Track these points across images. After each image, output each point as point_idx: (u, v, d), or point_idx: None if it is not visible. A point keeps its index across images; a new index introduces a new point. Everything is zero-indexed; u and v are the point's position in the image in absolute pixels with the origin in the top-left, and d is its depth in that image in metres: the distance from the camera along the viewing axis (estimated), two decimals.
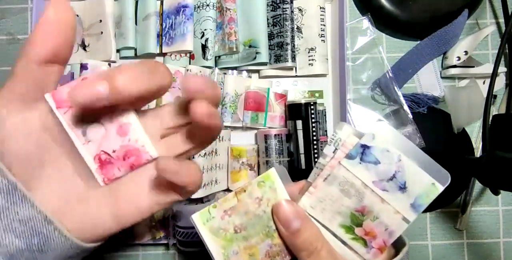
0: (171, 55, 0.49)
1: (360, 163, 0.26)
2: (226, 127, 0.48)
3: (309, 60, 0.48)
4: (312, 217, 0.28)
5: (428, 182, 0.25)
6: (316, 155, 0.46)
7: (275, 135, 0.46)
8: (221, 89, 0.47)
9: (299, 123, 0.45)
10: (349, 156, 0.26)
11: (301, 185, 0.29)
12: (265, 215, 0.27)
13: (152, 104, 0.47)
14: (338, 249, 0.27)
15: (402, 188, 0.25)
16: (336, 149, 0.27)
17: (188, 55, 0.49)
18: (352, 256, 0.27)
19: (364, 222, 0.26)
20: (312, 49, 0.48)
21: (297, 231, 0.25)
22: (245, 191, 0.27)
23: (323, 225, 0.28)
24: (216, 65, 0.48)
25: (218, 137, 0.46)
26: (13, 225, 0.19)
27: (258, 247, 0.27)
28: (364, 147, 0.25)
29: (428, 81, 0.51)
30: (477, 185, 0.51)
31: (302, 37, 0.49)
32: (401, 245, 0.27)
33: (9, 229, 0.19)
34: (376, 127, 0.25)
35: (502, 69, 0.50)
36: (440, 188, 0.25)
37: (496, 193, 0.39)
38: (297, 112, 0.46)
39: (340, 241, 0.27)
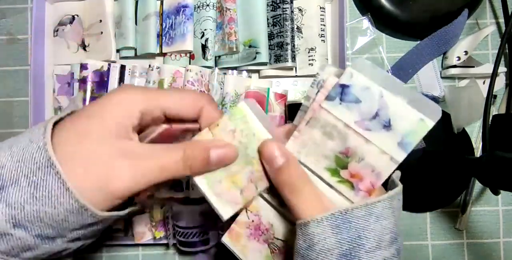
0: (171, 55, 0.49)
1: (340, 103, 0.24)
2: None
3: (309, 60, 0.48)
4: (299, 161, 0.27)
5: (416, 118, 0.23)
6: None
7: None
8: (221, 89, 0.47)
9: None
10: (329, 97, 0.24)
11: (287, 128, 0.29)
12: (241, 145, 0.27)
13: None
14: (326, 192, 0.27)
15: (387, 126, 0.24)
16: (318, 90, 0.25)
17: (188, 55, 0.49)
18: (340, 199, 0.26)
19: (349, 164, 0.25)
20: (312, 49, 0.48)
21: (280, 168, 0.26)
22: (218, 125, 0.27)
23: (309, 169, 0.27)
24: (216, 65, 0.48)
25: None
26: (81, 227, 0.24)
27: (240, 175, 0.27)
28: (343, 86, 0.24)
29: (428, 81, 0.51)
30: (477, 185, 0.51)
31: (302, 37, 0.49)
32: (395, 187, 0.27)
33: (77, 229, 0.24)
34: (355, 65, 0.24)
35: (502, 69, 0.50)
36: (430, 124, 0.23)
37: (496, 193, 0.39)
38: (297, 112, 0.46)
39: (327, 185, 0.27)
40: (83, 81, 0.47)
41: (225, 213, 0.27)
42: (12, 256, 0.23)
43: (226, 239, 0.30)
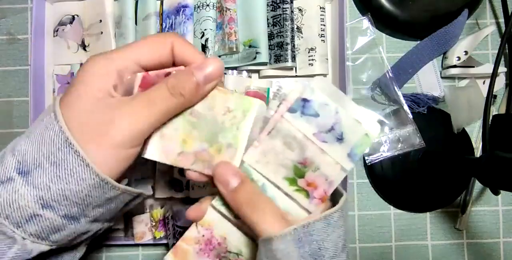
0: None
1: (301, 116, 0.26)
2: None
3: (309, 60, 0.48)
4: (257, 171, 0.28)
5: (362, 132, 0.26)
6: None
7: None
8: None
9: None
10: (291, 110, 0.26)
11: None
12: (222, 124, 0.27)
13: None
14: (281, 202, 0.28)
15: (340, 139, 0.26)
16: (280, 103, 0.27)
17: None
18: (295, 208, 0.28)
19: (306, 174, 0.27)
20: (312, 49, 0.48)
21: (236, 190, 0.26)
22: (225, 93, 0.28)
23: (267, 179, 0.28)
24: None
25: None
26: (101, 202, 0.25)
27: (194, 142, 0.27)
28: (305, 100, 0.26)
29: (428, 81, 0.51)
30: (477, 185, 0.51)
31: (302, 37, 0.49)
32: (339, 196, 0.28)
33: (98, 206, 0.25)
34: (316, 83, 0.27)
35: (502, 69, 0.50)
36: (372, 138, 0.26)
37: (496, 193, 0.39)
38: None
39: (284, 193, 0.28)
40: None
41: (149, 153, 0.27)
42: (42, 238, 0.24)
43: (169, 257, 0.29)
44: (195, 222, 0.29)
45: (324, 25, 0.48)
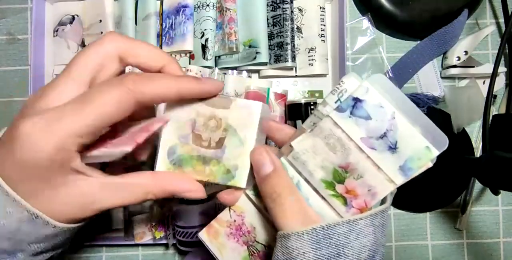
0: (171, 55, 0.49)
1: (350, 117, 0.23)
2: None
3: (309, 60, 0.48)
4: (294, 166, 0.26)
5: (422, 144, 0.23)
6: None
7: None
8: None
9: (299, 123, 0.45)
10: (339, 109, 0.24)
11: (293, 130, 0.29)
12: (218, 129, 0.27)
13: None
14: (315, 202, 0.26)
15: (392, 148, 0.23)
16: (339, 99, 0.24)
17: (188, 55, 0.49)
18: (329, 213, 0.25)
19: (347, 180, 0.25)
20: (312, 49, 0.48)
21: (268, 176, 0.25)
22: (231, 102, 0.27)
23: (303, 177, 0.26)
24: (216, 65, 0.48)
25: None
26: (38, 239, 0.23)
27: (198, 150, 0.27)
28: (356, 100, 0.23)
29: (428, 81, 0.51)
30: (477, 185, 0.51)
31: (302, 37, 0.49)
32: (383, 204, 0.26)
33: (35, 242, 0.23)
34: (373, 80, 0.23)
35: (502, 69, 0.50)
36: (435, 153, 0.23)
37: (496, 193, 0.39)
38: (297, 112, 0.46)
39: (320, 196, 0.26)
40: None
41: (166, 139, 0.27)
42: None
43: (203, 234, 0.29)
44: (229, 206, 0.29)
45: (324, 25, 0.48)
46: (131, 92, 0.23)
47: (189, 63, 0.49)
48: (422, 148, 0.23)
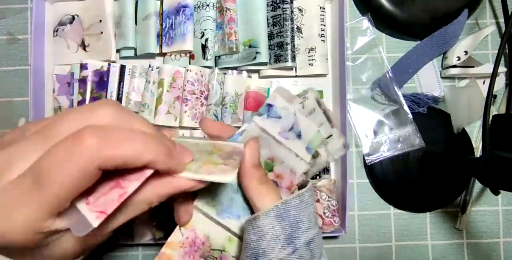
0: (171, 55, 0.49)
1: (267, 118, 0.31)
2: None
3: (309, 60, 0.48)
4: None
5: (315, 130, 0.31)
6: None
7: None
8: (221, 89, 0.47)
9: None
10: (259, 114, 0.32)
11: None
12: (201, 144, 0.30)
13: (152, 105, 0.47)
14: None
15: (299, 136, 0.31)
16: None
17: (188, 55, 0.49)
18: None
19: (275, 168, 0.31)
20: (312, 49, 0.48)
21: (256, 166, 0.30)
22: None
23: None
24: (216, 65, 0.48)
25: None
26: None
27: (213, 157, 0.28)
28: (269, 105, 0.31)
29: (428, 81, 0.51)
30: (477, 185, 0.51)
31: (302, 37, 0.49)
32: (307, 183, 0.32)
33: None
34: (278, 90, 0.32)
35: (502, 69, 0.50)
36: (324, 135, 0.32)
37: (496, 193, 0.39)
38: None
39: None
40: (83, 81, 0.47)
41: (227, 177, 0.25)
42: None
43: None
44: (180, 225, 0.31)
45: (324, 25, 0.48)
46: (94, 159, 0.20)
47: (189, 63, 0.49)
48: (316, 132, 0.31)
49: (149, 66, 0.47)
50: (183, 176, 0.25)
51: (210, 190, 0.30)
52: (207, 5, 0.47)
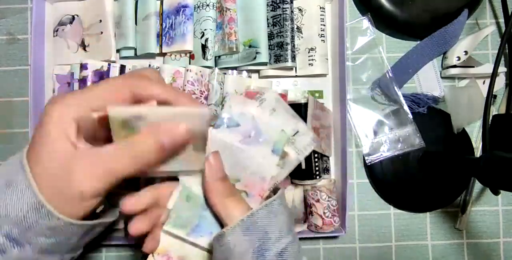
0: (171, 55, 0.49)
1: (226, 127, 0.31)
2: None
3: (309, 60, 0.48)
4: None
5: (278, 129, 0.31)
6: (316, 155, 0.46)
7: None
8: (221, 89, 0.47)
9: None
10: (216, 126, 0.31)
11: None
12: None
13: None
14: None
15: (261, 140, 0.31)
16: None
17: (188, 55, 0.49)
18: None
19: (241, 177, 0.31)
20: (312, 49, 0.48)
21: (221, 179, 0.30)
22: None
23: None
24: (216, 65, 0.48)
25: None
26: (43, 231, 0.25)
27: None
28: (226, 116, 0.31)
29: (428, 81, 0.51)
30: (477, 185, 0.51)
31: (302, 37, 0.49)
32: (278, 190, 0.32)
33: (41, 234, 0.25)
34: (233, 99, 0.32)
35: (502, 69, 0.50)
36: (289, 133, 0.31)
37: (496, 193, 0.39)
38: (297, 112, 0.46)
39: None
40: (83, 81, 0.47)
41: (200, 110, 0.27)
42: None
43: None
44: (151, 253, 0.30)
45: (324, 25, 0.48)
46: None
47: (189, 63, 0.49)
48: (279, 132, 0.31)
49: (149, 66, 0.47)
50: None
51: (179, 211, 0.30)
52: (207, 5, 0.47)
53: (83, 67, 0.47)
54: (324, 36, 0.48)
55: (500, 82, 0.51)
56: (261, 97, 0.32)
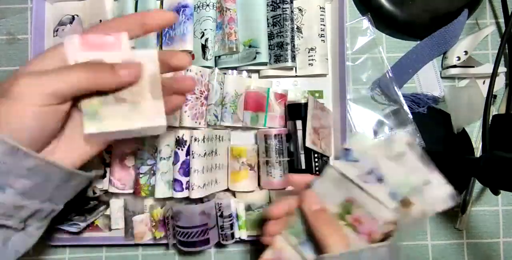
0: None
1: (345, 161, 0.31)
2: (226, 127, 0.48)
3: (309, 60, 0.48)
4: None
5: (401, 174, 0.29)
6: (315, 155, 0.46)
7: (275, 135, 0.46)
8: (221, 89, 0.47)
9: (299, 123, 0.45)
10: (336, 158, 0.32)
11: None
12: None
13: None
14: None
15: (380, 180, 0.29)
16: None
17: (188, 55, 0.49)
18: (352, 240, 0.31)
19: (353, 211, 0.31)
20: (312, 49, 0.48)
21: (317, 211, 0.32)
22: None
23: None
24: (216, 65, 0.48)
25: (218, 137, 0.46)
26: (22, 172, 0.26)
27: None
28: (347, 149, 0.31)
29: (428, 81, 0.51)
30: (477, 185, 0.51)
31: (302, 37, 0.49)
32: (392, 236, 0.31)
33: (20, 176, 0.26)
34: (355, 136, 0.33)
35: (502, 69, 0.50)
36: (414, 179, 0.29)
37: (496, 193, 0.39)
38: (297, 112, 0.46)
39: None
40: None
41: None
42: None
43: None
44: (270, 245, 0.35)
45: (324, 25, 0.48)
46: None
47: None
48: (402, 177, 0.29)
49: None
50: None
51: (294, 223, 0.34)
52: (207, 5, 0.47)
53: None
54: (324, 36, 0.48)
55: (500, 82, 0.51)
56: (391, 138, 0.31)
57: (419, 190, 0.29)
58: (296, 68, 0.49)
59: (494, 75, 0.40)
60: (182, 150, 0.44)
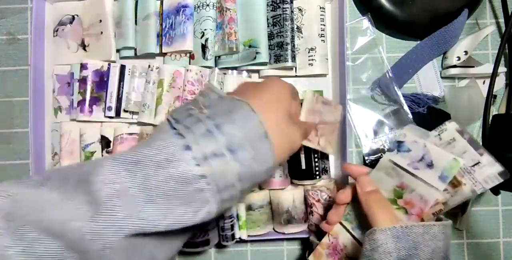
0: (171, 55, 0.49)
1: (397, 153, 0.35)
2: None
3: (309, 60, 0.48)
4: None
5: (450, 158, 0.32)
6: (315, 155, 0.46)
7: None
8: (221, 89, 0.47)
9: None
10: (389, 150, 0.36)
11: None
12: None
13: (152, 105, 0.47)
14: None
15: (430, 165, 0.33)
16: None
17: (188, 55, 0.49)
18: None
19: (404, 195, 0.34)
20: (312, 49, 0.48)
21: (370, 192, 0.35)
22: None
23: None
24: (216, 65, 0.48)
25: None
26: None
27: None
28: (399, 142, 0.35)
29: (428, 81, 0.51)
30: None
31: (302, 37, 0.49)
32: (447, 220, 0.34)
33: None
34: (406, 128, 0.36)
35: (502, 69, 0.50)
36: (462, 161, 0.31)
37: (496, 193, 0.39)
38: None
39: None
40: (83, 81, 0.47)
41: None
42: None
43: (311, 257, 0.41)
44: (328, 232, 0.39)
45: (324, 25, 0.48)
46: None
47: (189, 63, 0.49)
48: (451, 160, 0.32)
49: (149, 66, 0.47)
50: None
51: (349, 209, 0.38)
52: (207, 5, 0.47)
53: (83, 67, 0.47)
54: (324, 36, 0.48)
55: (500, 82, 0.51)
56: (441, 127, 0.34)
57: (468, 171, 0.32)
58: (296, 68, 0.49)
59: (494, 75, 0.40)
60: None
